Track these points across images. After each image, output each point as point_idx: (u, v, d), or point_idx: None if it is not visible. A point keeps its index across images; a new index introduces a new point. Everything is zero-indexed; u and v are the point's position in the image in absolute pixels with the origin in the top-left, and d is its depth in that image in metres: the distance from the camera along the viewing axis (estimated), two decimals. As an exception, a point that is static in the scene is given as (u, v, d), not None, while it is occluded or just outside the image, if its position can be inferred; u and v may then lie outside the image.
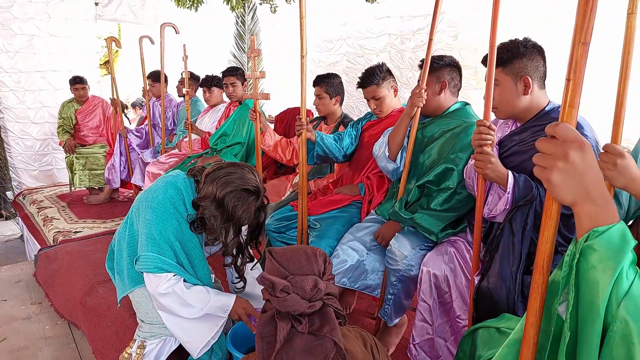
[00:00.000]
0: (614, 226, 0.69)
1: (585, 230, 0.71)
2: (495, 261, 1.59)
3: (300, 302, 1.14)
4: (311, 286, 1.15)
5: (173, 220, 1.73)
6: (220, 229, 1.72)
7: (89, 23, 5.95)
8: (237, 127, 3.66)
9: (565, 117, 0.76)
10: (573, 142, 0.71)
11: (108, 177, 4.66)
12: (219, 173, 1.73)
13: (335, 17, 7.08)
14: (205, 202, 1.70)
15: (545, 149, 0.73)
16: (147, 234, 1.71)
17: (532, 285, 0.80)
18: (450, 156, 2.00)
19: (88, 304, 2.62)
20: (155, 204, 1.73)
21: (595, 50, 4.15)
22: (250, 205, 1.73)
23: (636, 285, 0.68)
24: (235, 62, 8.26)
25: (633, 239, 0.70)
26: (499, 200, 1.64)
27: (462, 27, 5.49)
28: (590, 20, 0.73)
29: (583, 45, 0.75)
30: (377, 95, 2.44)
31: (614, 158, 1.24)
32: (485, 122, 1.60)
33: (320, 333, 1.15)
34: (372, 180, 2.50)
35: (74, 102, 4.96)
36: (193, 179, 1.82)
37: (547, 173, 0.73)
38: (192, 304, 1.72)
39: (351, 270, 2.12)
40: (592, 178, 0.71)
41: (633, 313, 0.66)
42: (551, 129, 0.73)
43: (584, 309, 0.70)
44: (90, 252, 3.31)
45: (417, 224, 1.98)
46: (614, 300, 0.68)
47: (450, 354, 1.84)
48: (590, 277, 0.69)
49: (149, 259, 1.68)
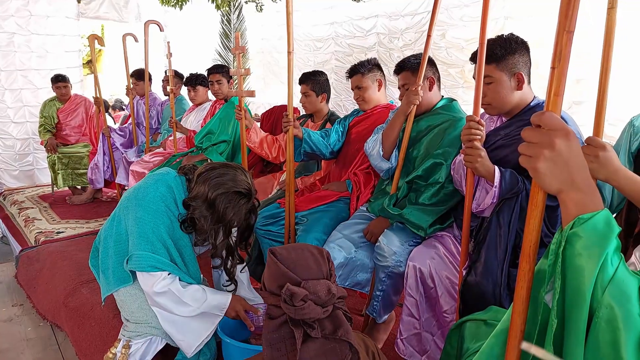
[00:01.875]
0: (598, 213, 0.70)
1: (571, 217, 0.71)
2: (482, 254, 1.61)
3: (316, 309, 1.10)
4: (325, 292, 1.12)
5: (165, 218, 1.71)
6: (210, 230, 1.71)
7: (71, 21, 5.85)
8: (222, 125, 3.63)
9: (550, 106, 0.76)
10: (558, 130, 0.72)
11: (91, 177, 4.56)
12: (211, 174, 1.71)
13: (325, 16, 7.09)
14: (196, 202, 1.68)
15: (531, 138, 0.74)
16: (138, 232, 1.68)
17: (519, 273, 0.80)
18: (439, 151, 2.01)
19: (71, 304, 2.57)
20: (146, 202, 1.70)
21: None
22: (242, 207, 1.72)
23: (621, 270, 0.69)
24: (220, 60, 8.22)
25: (617, 226, 0.70)
26: (486, 195, 1.68)
27: (448, 26, 5.53)
28: (575, 9, 0.73)
29: (567, 33, 0.75)
30: (360, 85, 2.49)
31: (596, 150, 1.25)
32: (475, 117, 1.62)
33: (335, 337, 1.12)
34: (359, 177, 2.50)
35: (55, 100, 4.87)
36: (184, 177, 1.80)
37: (534, 162, 0.73)
38: (189, 303, 1.70)
39: (341, 268, 2.11)
40: (577, 166, 0.71)
41: (618, 298, 0.67)
42: (537, 118, 0.74)
43: (570, 295, 0.70)
44: (73, 253, 3.26)
45: (406, 219, 1.98)
46: (599, 286, 0.68)
47: (438, 347, 1.84)
48: (576, 264, 0.69)
49: (142, 258, 1.65)
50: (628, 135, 1.63)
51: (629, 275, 0.69)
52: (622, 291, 0.67)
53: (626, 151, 1.62)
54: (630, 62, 4.52)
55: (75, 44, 6.03)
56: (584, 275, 0.68)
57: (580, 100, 4.77)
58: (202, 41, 8.24)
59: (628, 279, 0.69)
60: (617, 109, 4.59)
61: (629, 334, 0.65)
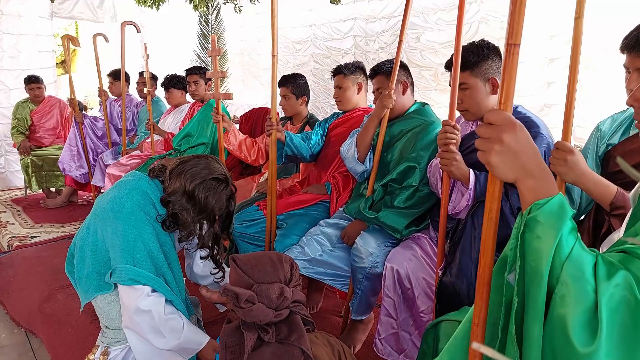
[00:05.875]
0: (553, 198, 0.76)
1: (528, 203, 0.77)
2: (457, 255, 1.65)
3: (266, 312, 1.11)
4: (277, 294, 1.13)
5: (147, 227, 1.67)
6: (195, 222, 1.70)
7: (44, 20, 5.73)
8: (201, 128, 3.62)
9: (502, 106, 0.82)
10: (505, 125, 0.78)
11: (64, 166, 4.32)
12: (185, 166, 1.69)
13: (304, 18, 7.11)
14: (174, 197, 1.66)
15: (482, 134, 0.80)
16: (120, 245, 1.63)
17: (480, 260, 0.84)
18: (412, 155, 2.06)
19: (47, 310, 2.53)
20: (124, 214, 1.66)
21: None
22: (222, 194, 1.72)
23: (576, 249, 0.74)
24: (198, 61, 8.14)
25: (570, 209, 0.77)
26: (462, 197, 1.73)
27: (423, 29, 5.61)
28: (520, 23, 0.78)
29: (514, 46, 0.79)
30: (341, 85, 2.55)
31: (564, 154, 1.31)
32: (451, 122, 1.67)
33: (288, 341, 1.13)
34: (338, 180, 2.52)
35: (28, 102, 4.77)
36: (157, 179, 1.78)
37: (487, 156, 0.79)
38: (164, 334, 1.64)
39: (310, 261, 2.14)
40: (527, 155, 0.77)
41: (573, 275, 0.72)
42: (486, 116, 0.80)
43: (529, 275, 0.75)
44: (48, 258, 3.20)
45: (382, 222, 2.02)
46: (557, 264, 0.73)
47: (415, 346, 1.88)
48: (534, 246, 0.75)
49: (124, 271, 1.61)
50: (595, 140, 1.70)
51: (584, 254, 0.75)
52: (577, 268, 0.73)
53: (594, 155, 1.69)
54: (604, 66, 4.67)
55: (49, 43, 5.90)
56: (542, 256, 0.73)
57: (551, 103, 4.90)
58: (179, 42, 8.16)
59: (584, 257, 0.74)
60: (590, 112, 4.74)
61: (578, 308, 0.70)
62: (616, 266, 0.74)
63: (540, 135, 1.66)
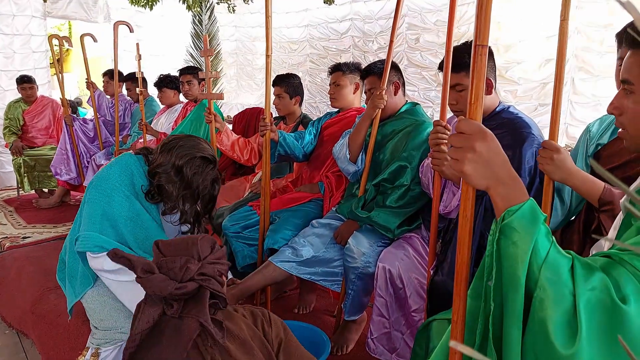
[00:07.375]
0: (524, 204, 0.77)
1: (501, 210, 0.78)
2: (449, 254, 1.65)
3: (166, 283, 1.11)
4: (180, 266, 1.13)
5: (117, 196, 1.70)
6: (179, 196, 1.74)
7: (37, 20, 5.70)
8: (194, 128, 3.61)
9: (470, 114, 0.84)
10: (476, 134, 0.79)
11: (56, 169, 4.30)
12: (178, 142, 1.77)
13: (299, 18, 7.11)
14: (163, 168, 1.72)
15: (455, 143, 0.81)
16: (87, 213, 1.69)
17: (457, 257, 0.87)
18: (404, 154, 2.07)
19: (38, 311, 2.51)
20: (97, 182, 1.73)
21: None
22: (208, 174, 1.78)
23: (552, 253, 0.75)
24: (192, 61, 8.12)
25: (542, 213, 0.78)
26: (453, 197, 1.73)
27: (422, 30, 5.63)
28: (486, 24, 0.82)
29: (482, 47, 0.82)
30: (338, 82, 2.56)
31: (551, 153, 1.33)
32: (442, 122, 1.67)
33: (188, 315, 1.14)
34: (331, 179, 2.53)
35: (21, 102, 4.75)
36: (141, 155, 1.82)
37: (460, 165, 0.80)
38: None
39: (302, 262, 2.14)
40: (498, 163, 0.79)
41: (550, 279, 0.73)
42: (458, 125, 0.81)
43: (506, 280, 0.76)
44: (40, 258, 3.18)
45: (374, 221, 2.02)
46: (535, 268, 0.74)
47: (407, 345, 1.89)
48: (510, 252, 0.75)
49: (89, 238, 1.65)
50: (585, 141, 1.71)
51: (560, 257, 0.75)
52: (554, 272, 0.73)
53: (583, 155, 1.70)
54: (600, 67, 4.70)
55: (43, 43, 5.87)
56: (517, 261, 0.74)
57: (546, 103, 4.94)
58: (173, 42, 8.13)
59: (560, 260, 0.75)
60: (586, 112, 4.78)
61: (557, 311, 0.71)
62: (593, 268, 0.75)
63: (531, 136, 1.67)
